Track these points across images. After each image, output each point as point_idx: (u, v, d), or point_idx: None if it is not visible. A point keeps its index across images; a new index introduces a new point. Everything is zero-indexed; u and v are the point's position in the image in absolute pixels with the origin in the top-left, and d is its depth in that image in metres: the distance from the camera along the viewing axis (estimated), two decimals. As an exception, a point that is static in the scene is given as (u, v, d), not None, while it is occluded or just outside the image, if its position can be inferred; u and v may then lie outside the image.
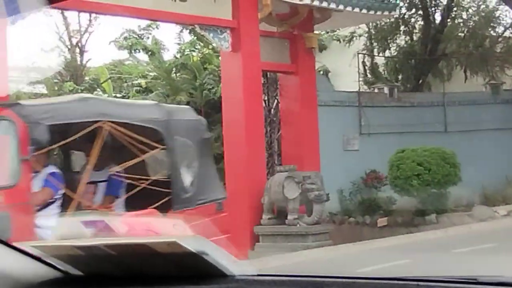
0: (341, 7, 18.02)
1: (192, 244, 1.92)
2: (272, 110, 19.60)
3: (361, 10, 18.44)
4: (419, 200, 18.03)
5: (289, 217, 16.76)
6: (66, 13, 39.15)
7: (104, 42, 50.81)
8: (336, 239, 16.57)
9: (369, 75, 26.50)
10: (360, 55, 26.02)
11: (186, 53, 34.90)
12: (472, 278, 1.81)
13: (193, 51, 34.28)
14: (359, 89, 21.89)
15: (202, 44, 31.75)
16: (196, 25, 17.41)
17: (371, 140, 20.64)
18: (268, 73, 19.51)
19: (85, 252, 2.03)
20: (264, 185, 17.24)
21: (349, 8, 18.27)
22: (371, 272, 10.66)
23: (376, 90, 23.29)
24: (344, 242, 16.03)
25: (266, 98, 19.49)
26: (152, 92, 35.38)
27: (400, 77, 26.44)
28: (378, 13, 19.27)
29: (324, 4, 17.67)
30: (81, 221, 2.28)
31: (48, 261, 2.13)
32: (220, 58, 20.04)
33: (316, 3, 17.51)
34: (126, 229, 2.25)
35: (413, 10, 26.63)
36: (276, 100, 19.60)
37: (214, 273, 1.97)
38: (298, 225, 16.68)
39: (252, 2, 17.54)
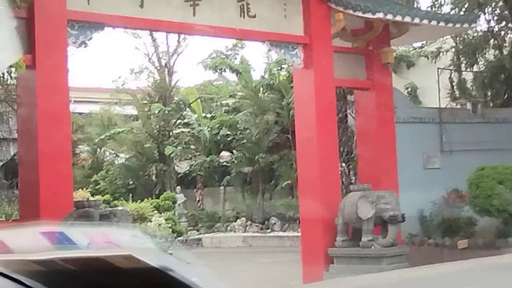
0: (417, 20, 17.37)
1: (151, 258, 1.73)
2: (348, 128, 19.12)
3: (438, 23, 17.72)
4: (501, 220, 17.15)
5: (363, 238, 16.26)
6: (155, 34, 39.92)
7: (192, 63, 51.46)
8: (414, 261, 15.93)
9: (456, 91, 25.73)
10: (447, 71, 25.27)
11: (273, 72, 34.90)
12: None
13: (280, 70, 34.20)
14: (439, 105, 21.06)
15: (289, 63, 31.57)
16: (266, 42, 17.08)
17: (453, 157, 19.83)
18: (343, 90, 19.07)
19: (45, 267, 1.87)
20: (338, 205, 16.79)
21: (425, 22, 17.59)
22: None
23: (458, 106, 22.50)
24: (422, 264, 15.35)
25: (341, 116, 19.02)
26: (240, 111, 35.51)
27: (489, 92, 25.50)
28: (457, 25, 18.49)
29: (398, 18, 17.07)
30: (40, 232, 2.01)
31: (14, 276, 1.97)
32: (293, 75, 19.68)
33: (389, 17, 16.94)
34: (87, 241, 1.97)
35: (503, 23, 25.74)
36: (351, 117, 19.10)
37: None
38: (372, 247, 16.13)
39: (324, 17, 17.18)
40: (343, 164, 19.20)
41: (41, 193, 13.74)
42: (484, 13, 25.46)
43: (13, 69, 14.22)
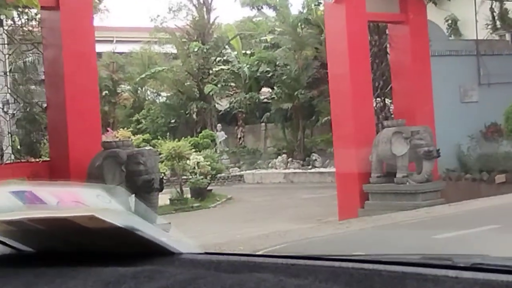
0: None
1: (116, 218, 1.67)
2: (383, 63, 18.68)
3: None
4: (540, 154, 16.74)
5: (397, 175, 16.08)
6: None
7: (230, 0, 50.86)
8: (451, 197, 15.68)
9: (497, 22, 24.94)
10: (488, 1, 24.48)
11: (310, 6, 34.35)
12: (446, 259, 1.50)
13: (318, 4, 33.59)
14: (476, 37, 20.41)
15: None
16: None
17: (491, 90, 19.30)
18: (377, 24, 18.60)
19: (16, 227, 1.83)
20: (372, 141, 16.55)
21: None
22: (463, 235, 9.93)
23: (497, 38, 21.83)
24: (458, 200, 15.08)
25: (376, 50, 18.60)
26: (279, 47, 35.13)
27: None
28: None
29: None
30: (10, 191, 1.96)
31: None
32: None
33: None
34: (56, 200, 1.90)
35: None
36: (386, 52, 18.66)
37: (158, 250, 1.77)
38: (407, 183, 15.94)
39: (355, -51, 16.69)
40: (378, 99, 18.83)
41: (69, 134, 13.79)
42: None
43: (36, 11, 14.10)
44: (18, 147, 23.79)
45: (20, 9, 13.98)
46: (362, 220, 14.00)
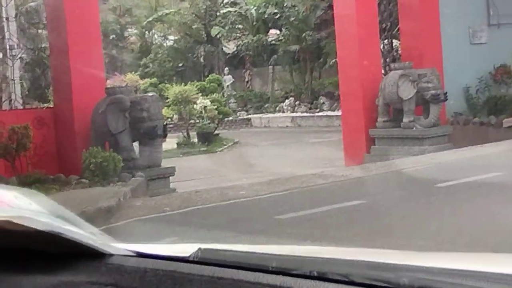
0: None
1: (36, 222, 1.58)
2: (391, 3, 18.30)
3: None
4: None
5: (404, 119, 15.85)
6: None
7: None
8: (458, 142, 15.46)
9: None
10: None
11: None
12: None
13: None
14: (485, -25, 19.89)
15: None
16: None
17: (501, 31, 18.82)
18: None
19: None
20: (379, 85, 16.28)
21: None
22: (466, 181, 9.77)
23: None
24: (466, 145, 14.87)
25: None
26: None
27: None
28: None
29: None
30: None
31: None
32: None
33: None
34: None
35: None
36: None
37: (87, 252, 1.67)
38: (414, 128, 15.72)
39: None
40: (386, 41, 18.50)
41: (72, 80, 13.63)
42: None
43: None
44: (27, 92, 23.71)
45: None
46: (365, 167, 13.83)
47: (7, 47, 17.26)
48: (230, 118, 30.82)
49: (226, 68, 35.98)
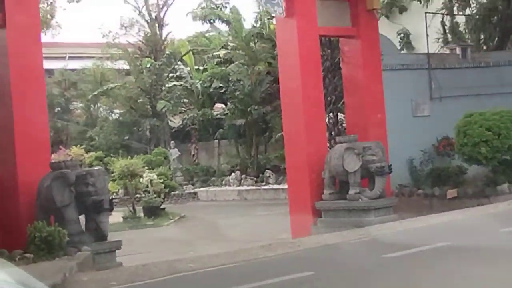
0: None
1: None
2: (335, 77, 18.60)
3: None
4: (490, 169, 16.68)
5: (350, 191, 15.94)
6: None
7: (183, 15, 50.70)
8: (403, 213, 15.61)
9: (449, 35, 25.12)
10: (440, 15, 24.64)
11: (263, 20, 34.28)
12: None
13: (270, 18, 33.50)
14: (428, 51, 20.42)
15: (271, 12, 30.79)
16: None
17: (443, 104, 19.30)
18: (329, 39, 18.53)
19: None
20: (324, 157, 16.41)
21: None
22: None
23: (447, 51, 21.88)
24: (411, 216, 15.02)
25: (328, 64, 18.51)
26: (232, 62, 34.97)
27: (482, 36, 24.81)
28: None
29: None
30: None
31: None
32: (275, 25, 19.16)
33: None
34: None
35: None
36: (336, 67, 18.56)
37: None
38: (360, 199, 15.81)
39: (304, -37, 16.59)
40: (331, 114, 18.74)
41: (16, 153, 13.47)
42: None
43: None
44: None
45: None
46: (312, 239, 13.85)
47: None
48: (177, 191, 30.70)
49: (172, 142, 35.95)
